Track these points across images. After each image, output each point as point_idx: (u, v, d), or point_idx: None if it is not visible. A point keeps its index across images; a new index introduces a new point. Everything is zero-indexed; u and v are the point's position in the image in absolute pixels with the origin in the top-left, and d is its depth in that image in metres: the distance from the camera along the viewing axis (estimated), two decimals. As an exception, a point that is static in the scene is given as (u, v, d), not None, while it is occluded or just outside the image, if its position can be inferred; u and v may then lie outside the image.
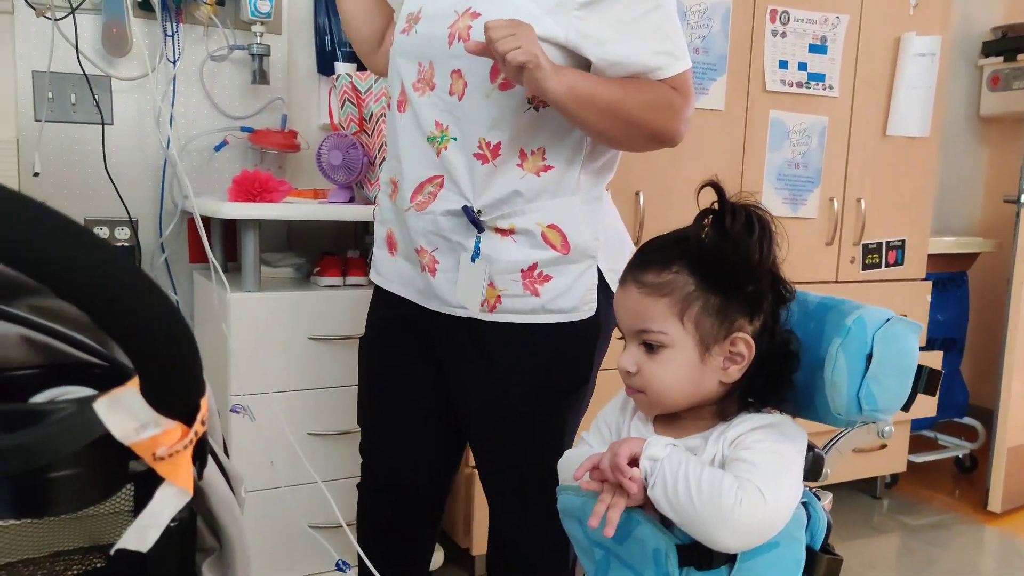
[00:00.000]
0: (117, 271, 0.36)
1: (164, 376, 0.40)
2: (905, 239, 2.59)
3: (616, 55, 1.16)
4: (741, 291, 0.87)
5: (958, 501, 2.82)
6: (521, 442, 1.30)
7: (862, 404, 0.85)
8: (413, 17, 1.27)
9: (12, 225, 0.34)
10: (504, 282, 1.22)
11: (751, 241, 0.86)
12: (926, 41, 2.49)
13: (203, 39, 2.08)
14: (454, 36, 1.18)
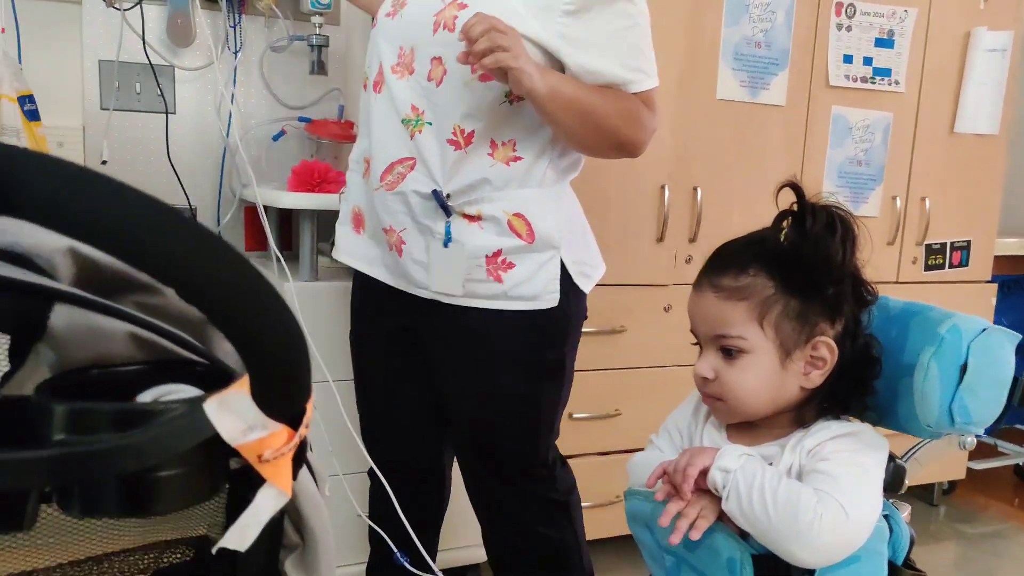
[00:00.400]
0: (239, 275, 0.36)
1: (275, 380, 0.40)
2: (971, 240, 2.51)
3: (594, 64, 1.21)
4: (822, 294, 0.85)
5: (1018, 510, 2.73)
6: (496, 423, 1.36)
7: (954, 416, 0.82)
8: (400, 2, 1.29)
9: (139, 225, 0.34)
10: (469, 267, 1.26)
11: (833, 242, 0.83)
12: (998, 36, 2.41)
13: (264, 30, 2.09)
14: (439, 24, 1.21)
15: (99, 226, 0.34)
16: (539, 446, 1.39)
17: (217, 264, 0.36)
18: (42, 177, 0.32)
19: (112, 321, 0.45)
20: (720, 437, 0.93)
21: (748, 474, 0.80)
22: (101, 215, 0.33)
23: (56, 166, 0.33)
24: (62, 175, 0.33)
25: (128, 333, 0.45)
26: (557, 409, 1.40)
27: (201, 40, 2.04)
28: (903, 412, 0.89)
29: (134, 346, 0.46)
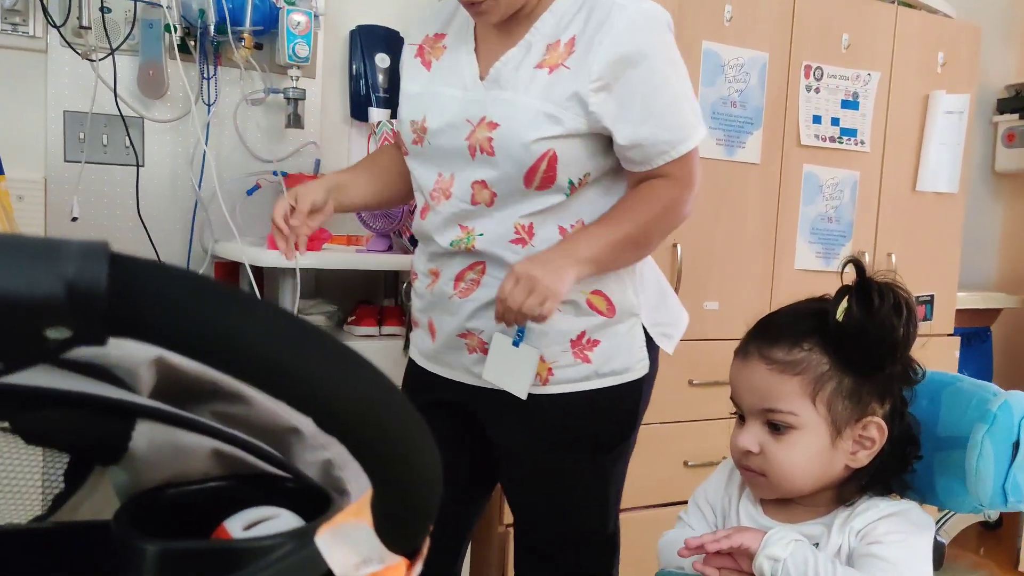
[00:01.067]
0: (383, 400, 0.32)
1: (404, 511, 0.35)
2: (934, 294, 2.58)
3: (637, 135, 1.16)
4: (879, 373, 0.83)
5: (984, 560, 2.77)
6: (563, 495, 1.30)
7: (1008, 495, 0.81)
8: (419, 127, 1.25)
9: (287, 351, 0.30)
10: (554, 354, 1.22)
11: (899, 323, 0.82)
12: (954, 99, 2.51)
13: (239, 82, 2.04)
14: (475, 148, 1.17)
15: (243, 355, 0.29)
16: (609, 518, 1.35)
17: (361, 390, 0.31)
18: (185, 298, 0.28)
19: (196, 437, 0.40)
20: (757, 512, 0.90)
21: (799, 563, 0.77)
22: (244, 341, 0.29)
23: (193, 282, 0.29)
24: (200, 293, 0.28)
25: (211, 450, 0.40)
26: (622, 472, 1.36)
27: (173, 92, 1.98)
28: (941, 486, 0.88)
29: (214, 462, 0.41)
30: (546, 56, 1.16)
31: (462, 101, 1.20)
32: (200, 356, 0.29)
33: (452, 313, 1.26)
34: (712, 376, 2.13)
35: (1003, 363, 3.05)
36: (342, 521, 0.36)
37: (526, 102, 1.15)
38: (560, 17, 1.17)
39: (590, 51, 1.12)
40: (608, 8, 1.13)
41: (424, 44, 1.30)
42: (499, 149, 1.15)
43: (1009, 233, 3.36)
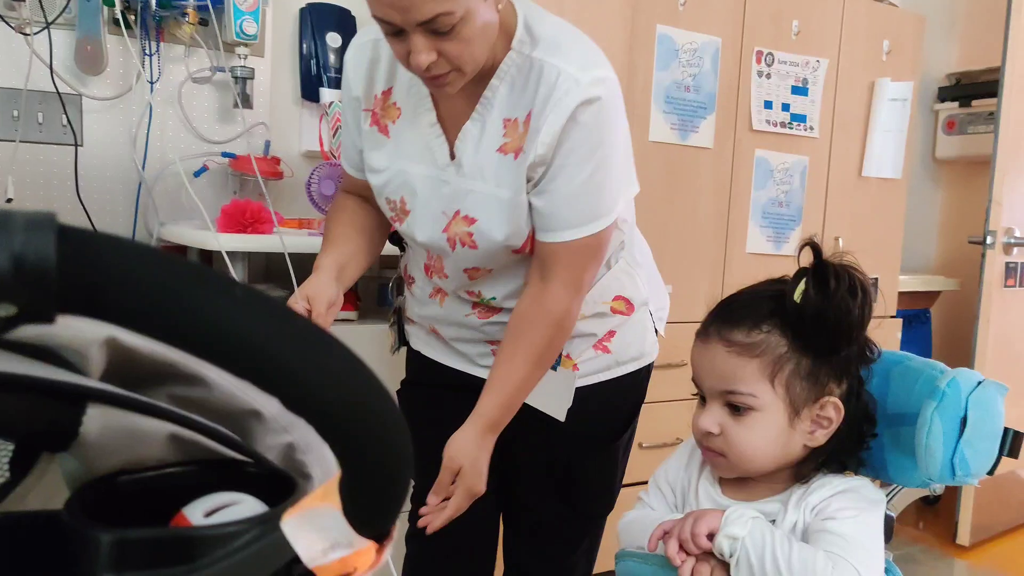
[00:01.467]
0: (358, 382, 0.31)
1: (376, 494, 0.34)
2: (878, 277, 2.64)
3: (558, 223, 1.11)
4: (836, 355, 0.84)
5: (924, 533, 2.87)
6: (580, 482, 1.30)
7: (956, 469, 0.83)
8: (398, 208, 1.20)
9: (249, 326, 0.28)
10: (578, 351, 1.24)
11: (855, 305, 0.83)
12: (899, 87, 2.57)
13: (184, 59, 1.98)
14: (455, 242, 1.15)
15: (192, 327, 0.27)
16: (614, 502, 1.37)
17: (329, 369, 0.30)
18: (141, 272, 0.26)
19: (151, 421, 0.38)
20: (715, 491, 0.91)
21: (757, 541, 0.78)
22: (206, 317, 0.27)
23: (149, 255, 0.27)
24: (157, 266, 0.27)
25: (168, 434, 0.38)
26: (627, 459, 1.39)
27: (113, 68, 1.91)
28: (891, 461, 0.90)
29: (171, 447, 0.39)
30: (507, 138, 1.10)
31: (434, 183, 1.15)
32: (159, 334, 0.28)
33: (468, 328, 1.25)
34: (666, 358, 2.13)
35: (941, 344, 3.16)
36: (309, 505, 0.35)
37: (498, 195, 1.11)
38: (511, 85, 1.10)
39: (538, 128, 1.06)
40: (554, 78, 1.05)
41: (375, 108, 1.19)
42: (481, 243, 1.13)
43: (948, 218, 3.47)
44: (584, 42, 1.11)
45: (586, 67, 1.07)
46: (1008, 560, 2.66)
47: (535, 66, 1.08)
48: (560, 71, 1.06)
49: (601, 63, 1.10)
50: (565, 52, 1.07)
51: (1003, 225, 2.62)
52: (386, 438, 0.32)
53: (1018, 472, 2.89)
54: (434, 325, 1.29)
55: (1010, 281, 2.69)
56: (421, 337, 1.34)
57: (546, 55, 1.07)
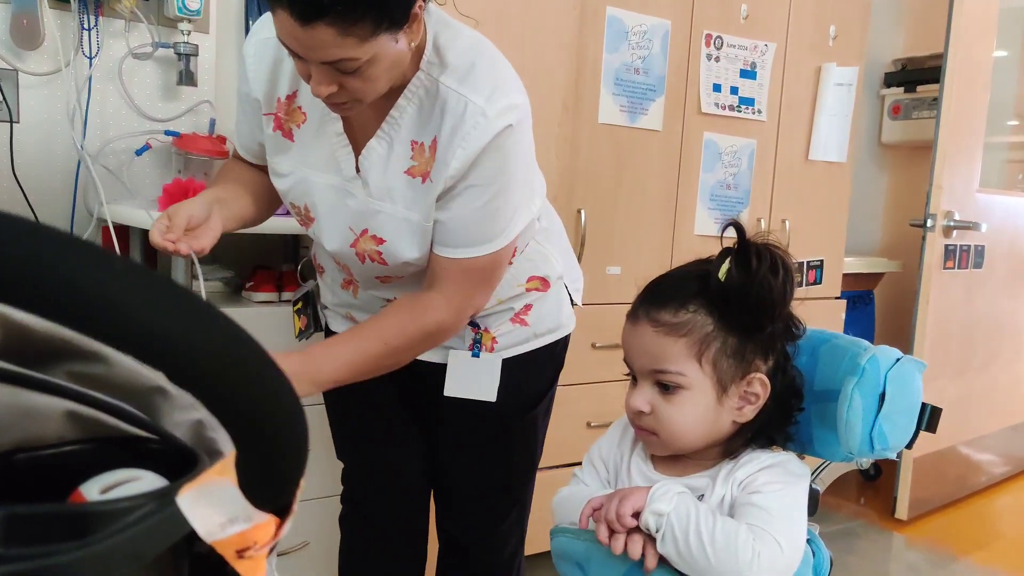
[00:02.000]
0: (235, 347, 0.31)
1: (271, 467, 0.34)
2: (823, 259, 2.71)
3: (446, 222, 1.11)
4: (760, 332, 0.86)
5: (865, 509, 2.96)
6: (499, 452, 1.34)
7: (874, 443, 0.86)
8: (304, 214, 1.18)
9: (117, 294, 0.28)
10: (495, 325, 1.26)
11: (776, 283, 0.84)
12: (844, 72, 2.62)
13: (124, 34, 1.92)
14: (363, 256, 1.16)
15: (67, 298, 0.27)
16: (533, 476, 1.41)
17: (215, 341, 0.30)
18: (12, 243, 0.26)
19: (46, 399, 0.37)
20: (647, 468, 0.93)
21: (682, 516, 0.80)
22: (71, 284, 0.27)
23: (21, 225, 0.27)
24: (31, 237, 0.26)
25: (65, 411, 0.38)
26: (545, 433, 1.42)
27: (51, 43, 1.85)
28: (817, 436, 0.93)
29: (69, 424, 0.39)
30: (414, 160, 1.09)
31: (339, 194, 1.13)
32: (35, 307, 0.27)
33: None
34: (614, 339, 2.15)
35: (884, 324, 3.25)
36: (206, 480, 0.35)
37: (408, 217, 1.10)
38: (419, 107, 1.08)
39: (446, 161, 1.06)
40: (462, 110, 1.04)
41: (278, 112, 1.14)
42: (391, 261, 1.14)
43: (893, 202, 3.56)
44: (495, 66, 1.08)
45: (494, 97, 1.04)
46: (944, 534, 2.76)
47: (442, 93, 1.05)
48: (468, 103, 1.04)
49: (511, 89, 1.07)
50: (473, 81, 1.05)
51: (943, 208, 2.69)
52: (276, 412, 0.32)
53: (956, 447, 2.99)
54: (351, 312, 1.30)
55: (949, 263, 2.77)
56: (339, 321, 1.35)
57: (454, 83, 1.05)
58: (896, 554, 2.65)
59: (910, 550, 2.66)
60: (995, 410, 3.18)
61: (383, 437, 1.38)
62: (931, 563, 2.56)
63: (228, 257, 2.07)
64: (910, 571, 2.54)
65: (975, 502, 3.07)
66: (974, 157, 2.82)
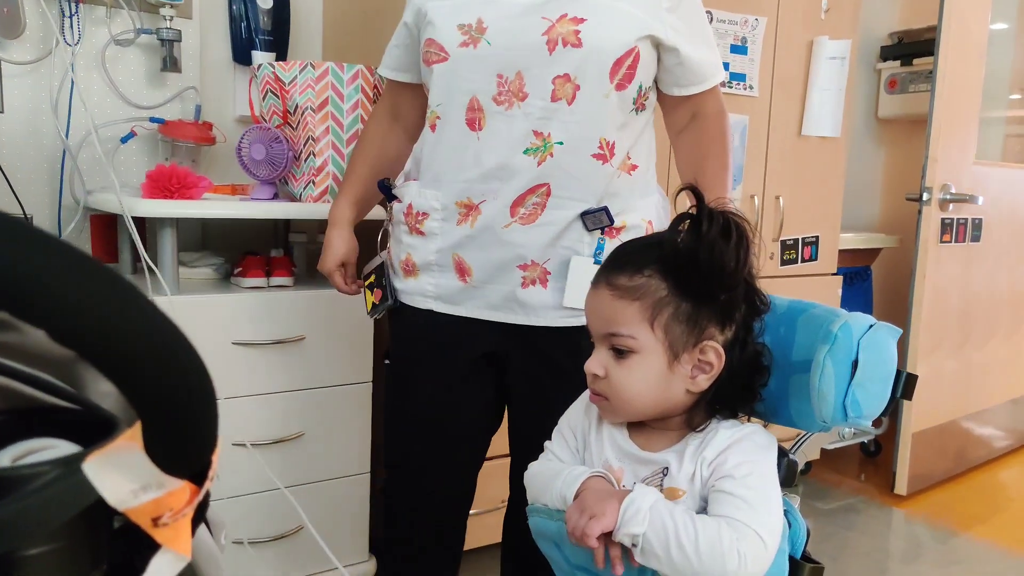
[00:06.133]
0: (123, 303, 0.30)
1: (175, 429, 0.34)
2: (819, 235, 2.69)
3: (699, 54, 1.26)
4: (714, 299, 0.85)
5: (865, 485, 2.95)
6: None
7: (848, 411, 0.85)
8: (473, 28, 1.19)
9: (4, 255, 0.27)
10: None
11: (727, 248, 0.83)
12: (837, 45, 2.58)
13: (106, 21, 1.91)
14: (555, 42, 1.16)
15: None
16: None
17: (99, 299, 0.29)
18: None
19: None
20: (622, 437, 0.91)
21: (659, 532, 0.78)
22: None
23: None
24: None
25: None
26: None
27: (32, 31, 1.84)
28: (794, 408, 0.92)
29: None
30: None
31: (526, 2, 1.17)
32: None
33: (504, 243, 1.22)
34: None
35: (882, 300, 3.23)
36: (113, 448, 0.35)
37: (614, 4, 1.17)
38: None
39: None
40: None
41: None
42: (588, 40, 1.15)
43: (890, 176, 3.53)
44: None
45: None
46: (944, 508, 2.76)
47: None
48: None
49: None
50: None
51: (939, 182, 2.67)
52: (172, 375, 0.32)
53: (956, 422, 2.98)
54: (461, 254, 1.25)
55: (946, 237, 2.75)
56: (431, 286, 1.29)
57: None
58: (896, 529, 2.64)
59: (910, 525, 2.65)
60: (995, 384, 3.17)
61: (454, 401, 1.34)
62: (932, 538, 2.55)
63: (216, 243, 2.07)
64: (910, 546, 2.54)
65: (975, 476, 3.06)
66: (970, 129, 2.79)
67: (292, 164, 1.83)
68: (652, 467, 0.87)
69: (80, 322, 0.29)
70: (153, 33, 1.93)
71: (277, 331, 1.72)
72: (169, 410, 0.32)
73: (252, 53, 2.08)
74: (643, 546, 0.79)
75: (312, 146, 1.81)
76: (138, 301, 0.30)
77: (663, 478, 0.86)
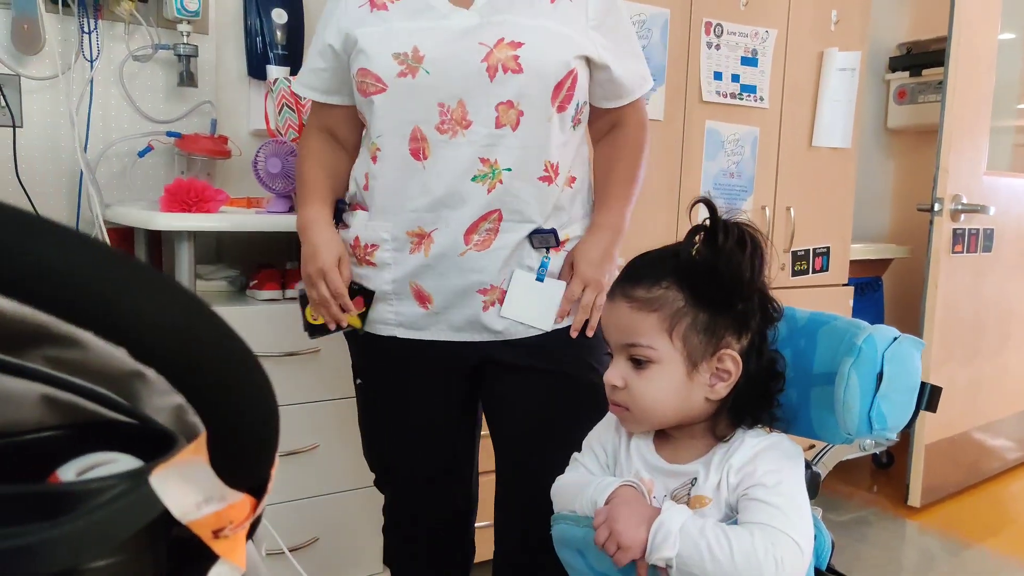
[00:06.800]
0: (209, 330, 0.31)
1: (242, 444, 0.35)
2: (829, 246, 2.69)
3: (628, 67, 1.27)
4: (730, 308, 0.86)
5: (877, 496, 2.94)
6: (553, 448, 1.23)
7: (872, 423, 0.85)
8: (410, 57, 1.17)
9: (75, 270, 0.28)
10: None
11: (743, 258, 0.85)
12: (847, 56, 2.60)
13: (124, 37, 1.94)
14: (495, 68, 1.15)
15: (31, 277, 0.28)
16: None
17: (176, 315, 0.30)
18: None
19: (21, 383, 0.38)
20: (648, 450, 0.92)
21: (694, 554, 0.79)
22: (34, 262, 0.27)
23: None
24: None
25: (40, 396, 0.38)
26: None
27: (52, 47, 1.86)
28: (816, 419, 0.92)
29: (46, 410, 0.39)
30: None
31: (458, 28, 1.16)
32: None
33: (462, 270, 1.22)
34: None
35: (894, 310, 3.22)
36: (179, 460, 0.36)
37: (546, 24, 1.17)
38: None
39: None
40: None
41: None
42: (528, 65, 1.15)
43: (900, 187, 3.53)
44: None
45: None
46: (957, 520, 2.74)
47: None
48: None
49: None
50: None
51: (950, 192, 2.67)
52: (243, 388, 0.32)
53: (968, 433, 2.97)
54: (419, 283, 1.24)
55: (957, 247, 2.75)
56: (391, 314, 1.28)
57: None
58: (909, 541, 2.63)
59: (923, 537, 2.64)
60: (1007, 395, 3.16)
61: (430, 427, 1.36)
62: (945, 550, 2.54)
63: (232, 256, 2.08)
64: (924, 558, 2.53)
65: (988, 488, 3.05)
66: (981, 140, 2.80)
67: (308, 177, 1.85)
68: (681, 479, 0.88)
69: (160, 340, 0.29)
70: (170, 49, 1.95)
71: (292, 343, 1.73)
72: (239, 424, 0.33)
73: (267, 67, 2.09)
74: (678, 566, 0.79)
75: (328, 160, 1.82)
76: (212, 319, 0.31)
77: (691, 488, 0.87)
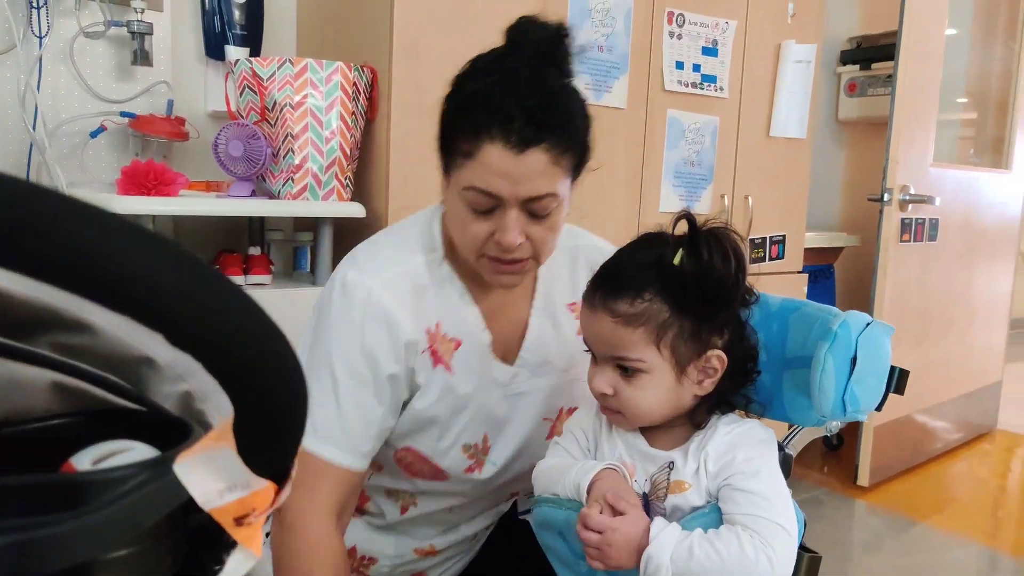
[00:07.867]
0: (245, 314, 0.30)
1: (271, 430, 0.34)
2: (785, 234, 2.75)
3: None
4: (715, 317, 0.88)
5: (827, 477, 3.03)
6: None
7: (847, 406, 0.88)
8: (478, 450, 1.08)
9: (126, 256, 0.27)
10: None
11: (729, 272, 0.86)
12: (803, 49, 2.65)
13: (75, 13, 1.86)
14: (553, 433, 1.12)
15: (81, 265, 0.27)
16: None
17: (213, 300, 0.29)
18: (7, 204, 0.25)
19: (30, 370, 0.36)
20: (633, 434, 0.93)
21: (684, 566, 0.80)
22: (70, 246, 0.26)
23: (13, 185, 0.26)
24: (26, 197, 0.26)
25: (51, 383, 0.37)
26: None
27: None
28: (789, 403, 0.95)
29: (56, 397, 0.38)
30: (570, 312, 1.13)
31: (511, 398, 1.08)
32: (29, 269, 0.27)
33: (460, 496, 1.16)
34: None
35: (844, 297, 3.32)
36: (203, 447, 0.35)
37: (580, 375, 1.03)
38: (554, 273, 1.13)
39: None
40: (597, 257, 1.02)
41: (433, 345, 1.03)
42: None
43: (851, 177, 3.62)
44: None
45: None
46: (903, 498, 2.85)
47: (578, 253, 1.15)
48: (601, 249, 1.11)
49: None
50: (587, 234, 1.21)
51: (899, 183, 2.75)
52: (276, 374, 0.32)
53: (913, 416, 3.08)
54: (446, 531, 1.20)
55: (905, 236, 2.83)
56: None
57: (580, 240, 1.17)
58: (859, 519, 2.72)
59: (872, 515, 2.73)
60: (950, 378, 3.28)
61: None
62: (892, 527, 2.64)
63: (193, 241, 2.03)
64: (873, 535, 2.62)
65: (931, 468, 3.17)
66: (928, 132, 2.89)
67: (270, 161, 1.81)
68: (660, 463, 0.90)
69: (201, 325, 0.29)
70: (123, 26, 1.89)
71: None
72: (271, 411, 0.33)
73: (225, 48, 2.04)
74: None
75: (291, 143, 1.79)
76: (249, 304, 0.30)
77: (669, 472, 0.88)
